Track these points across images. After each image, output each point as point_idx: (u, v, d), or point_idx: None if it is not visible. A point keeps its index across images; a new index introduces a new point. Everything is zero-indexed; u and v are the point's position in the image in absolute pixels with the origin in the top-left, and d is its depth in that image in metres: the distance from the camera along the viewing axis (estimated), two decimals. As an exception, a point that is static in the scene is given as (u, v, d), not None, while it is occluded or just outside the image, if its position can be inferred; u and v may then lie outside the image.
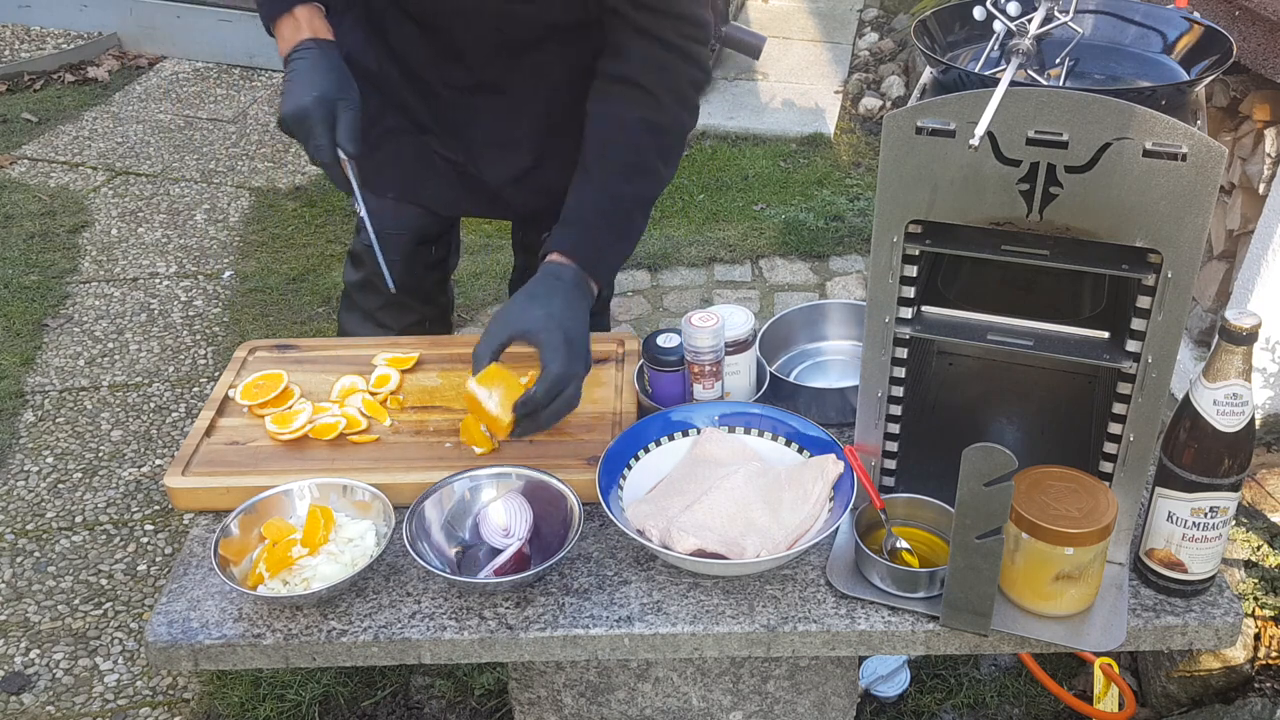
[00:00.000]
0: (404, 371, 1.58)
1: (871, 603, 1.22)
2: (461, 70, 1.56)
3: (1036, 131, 1.01)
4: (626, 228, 1.49)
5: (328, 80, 1.43)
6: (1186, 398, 1.13)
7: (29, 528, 2.51)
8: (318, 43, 1.47)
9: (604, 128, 1.46)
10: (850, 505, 1.24)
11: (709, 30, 1.44)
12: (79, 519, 2.53)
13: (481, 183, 1.68)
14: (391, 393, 1.53)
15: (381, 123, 1.63)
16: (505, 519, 1.29)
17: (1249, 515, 2.03)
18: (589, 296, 1.43)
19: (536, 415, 1.32)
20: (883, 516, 1.26)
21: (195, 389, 2.98)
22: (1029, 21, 1.09)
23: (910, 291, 1.16)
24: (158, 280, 3.47)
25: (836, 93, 4.66)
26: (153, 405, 2.92)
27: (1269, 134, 2.34)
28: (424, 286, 1.87)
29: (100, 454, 2.74)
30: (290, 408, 1.49)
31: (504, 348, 1.36)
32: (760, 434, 1.39)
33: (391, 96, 1.61)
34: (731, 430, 1.39)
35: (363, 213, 1.50)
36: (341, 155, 1.43)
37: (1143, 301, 1.07)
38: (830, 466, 1.29)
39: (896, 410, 1.25)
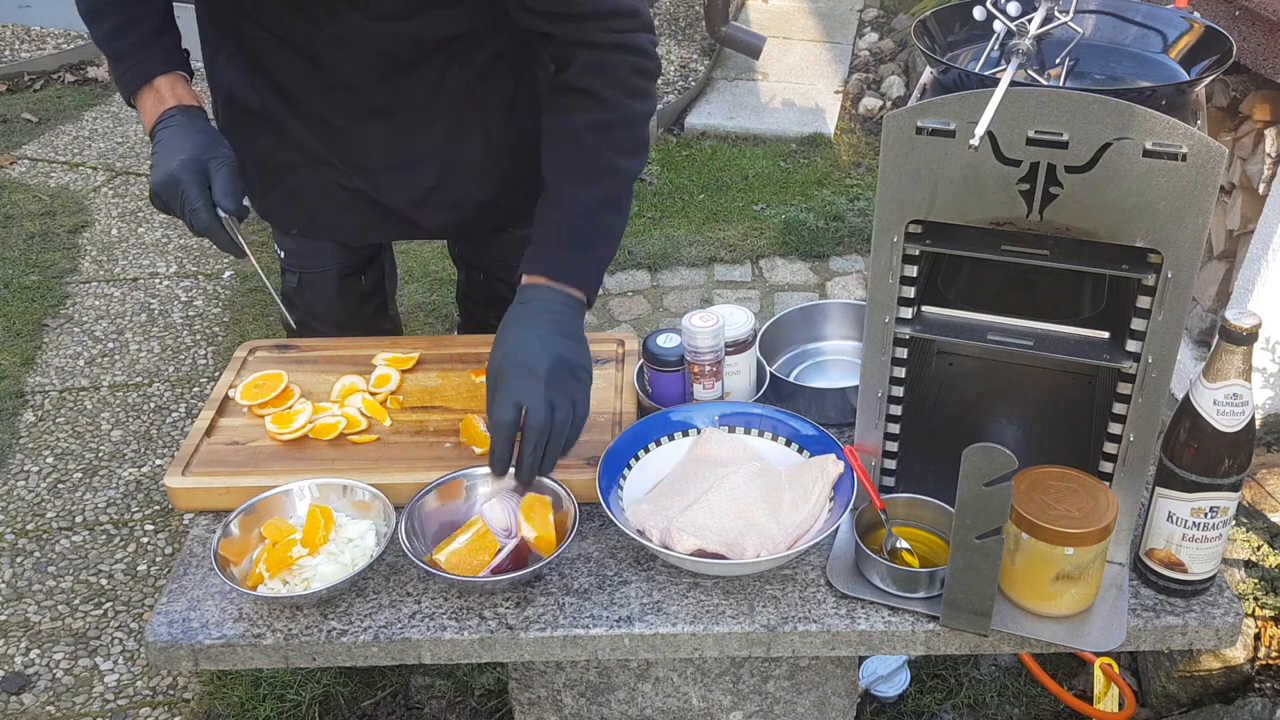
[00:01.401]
0: (404, 371, 1.58)
1: (871, 603, 1.22)
2: (350, 97, 1.49)
3: (1036, 131, 1.01)
4: (595, 233, 1.42)
5: (194, 143, 1.39)
6: (1186, 398, 1.13)
7: (29, 528, 2.51)
8: (182, 109, 1.43)
9: (556, 140, 1.42)
10: (850, 505, 1.24)
11: (641, 17, 1.37)
12: (79, 519, 2.53)
13: (386, 207, 1.61)
14: (391, 393, 1.53)
15: (274, 159, 1.57)
16: (503, 518, 1.29)
17: (1249, 515, 2.03)
18: (573, 309, 1.37)
19: (536, 465, 1.26)
20: (883, 516, 1.26)
21: (195, 389, 2.98)
22: (1029, 21, 1.09)
23: (910, 291, 1.16)
24: (158, 280, 3.48)
25: (836, 93, 4.67)
26: (153, 405, 2.92)
27: (1269, 134, 2.34)
28: (363, 316, 1.84)
29: (100, 454, 2.74)
30: (290, 408, 1.49)
31: (511, 405, 1.26)
32: (760, 434, 1.39)
33: (281, 131, 1.54)
34: (732, 430, 1.39)
35: (255, 266, 1.47)
36: (223, 215, 1.38)
37: (1143, 301, 1.07)
38: (830, 466, 1.29)
39: (896, 410, 1.25)
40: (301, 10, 1.39)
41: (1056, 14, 1.10)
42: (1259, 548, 1.96)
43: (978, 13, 1.16)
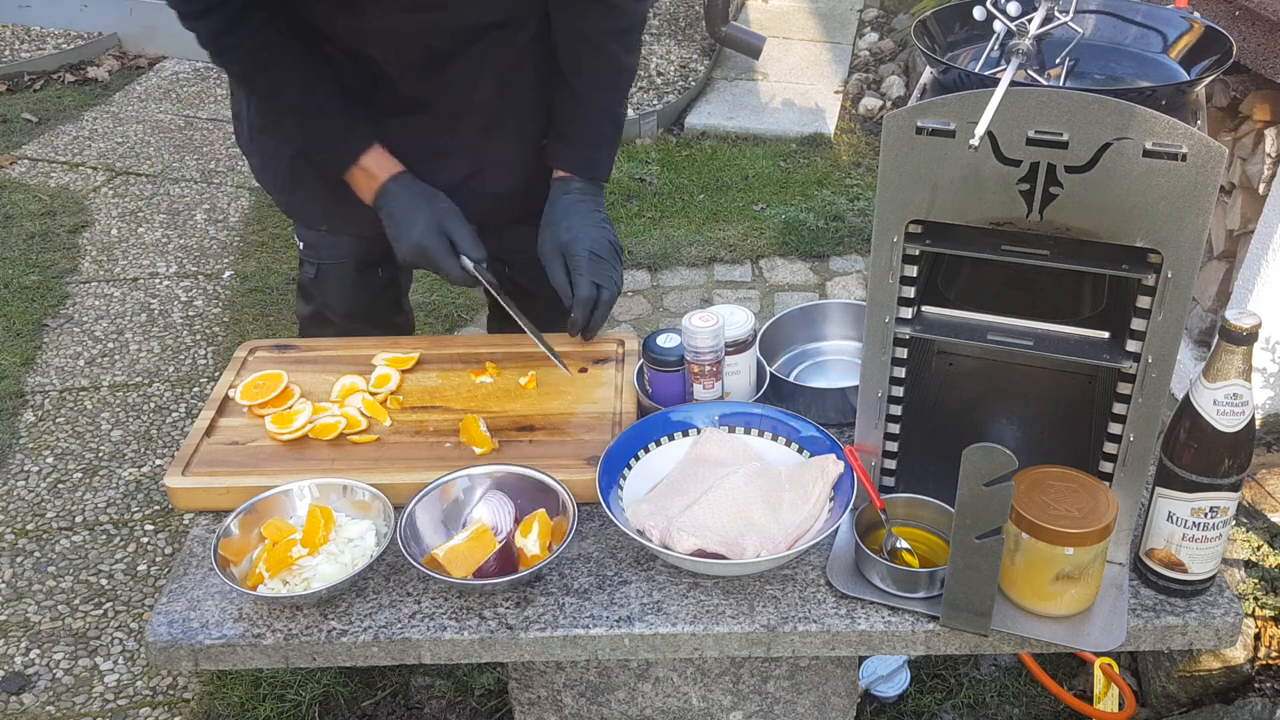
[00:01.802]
0: (404, 371, 1.58)
1: (871, 603, 1.22)
2: (389, 91, 1.56)
3: (1036, 131, 1.01)
4: (612, 129, 1.67)
5: (423, 211, 1.54)
6: (1186, 398, 1.13)
7: (29, 528, 2.51)
8: (395, 179, 1.56)
9: (573, 41, 1.58)
10: (850, 505, 1.24)
11: None
12: (79, 519, 2.53)
13: None
14: (391, 393, 1.53)
15: (309, 156, 1.62)
16: (490, 517, 1.29)
17: (1249, 515, 2.03)
18: (601, 196, 1.66)
19: (590, 325, 1.57)
20: (883, 516, 1.26)
21: (195, 389, 2.98)
22: (1029, 21, 1.09)
23: (910, 291, 1.16)
24: (158, 280, 3.48)
25: (836, 93, 4.67)
26: (153, 405, 2.92)
27: (1269, 134, 2.34)
28: (377, 309, 1.86)
29: (100, 454, 2.74)
30: (290, 408, 1.49)
31: (569, 269, 1.57)
32: (760, 434, 1.39)
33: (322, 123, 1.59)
34: (732, 430, 1.39)
35: (506, 304, 1.57)
36: (469, 264, 1.54)
37: (1143, 301, 1.07)
38: (830, 466, 1.29)
39: (896, 410, 1.25)
40: (340, 4, 1.45)
41: (1056, 14, 1.10)
42: (1259, 548, 1.96)
43: (978, 13, 1.15)
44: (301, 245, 1.80)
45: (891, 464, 1.30)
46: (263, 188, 1.79)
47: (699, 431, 1.39)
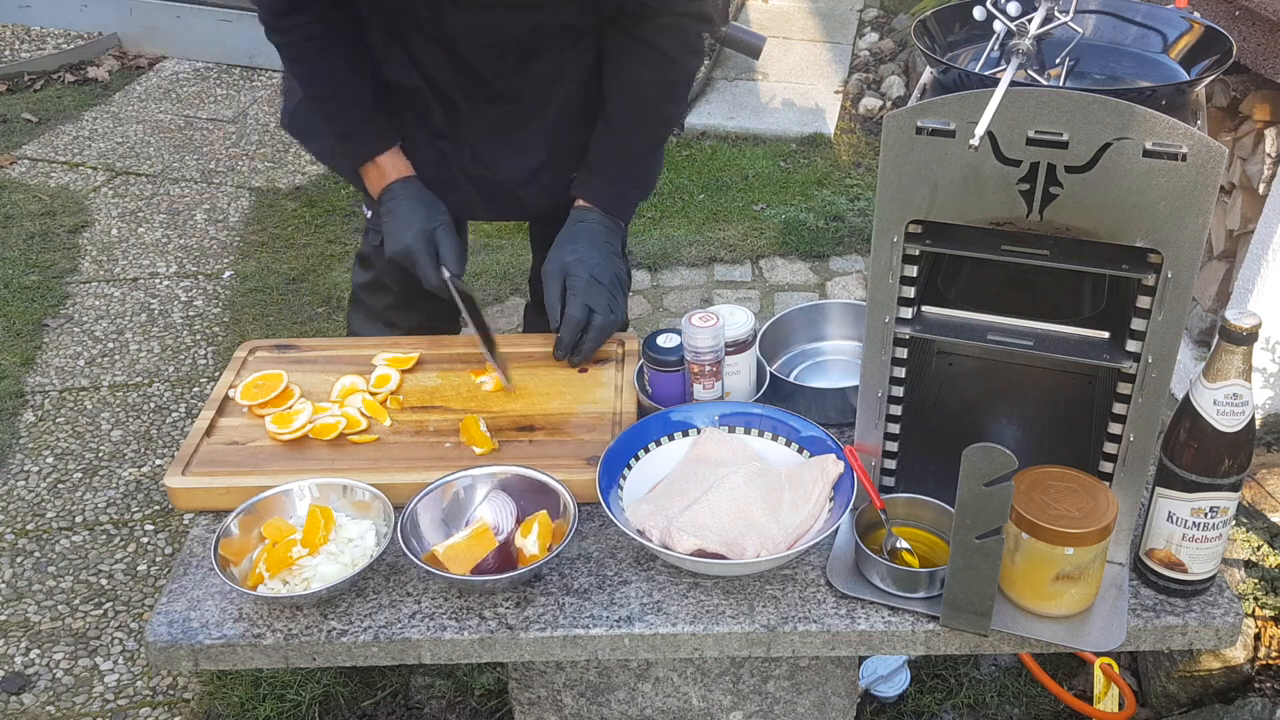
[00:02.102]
0: (404, 371, 1.58)
1: (871, 603, 1.22)
2: (477, 82, 1.63)
3: (1036, 131, 1.01)
4: (644, 174, 1.73)
5: (419, 216, 1.60)
6: (1186, 398, 1.13)
7: (29, 528, 2.51)
8: (401, 182, 1.63)
9: (623, 86, 1.62)
10: (850, 505, 1.24)
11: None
12: (79, 519, 2.53)
13: (495, 185, 1.73)
14: (391, 393, 1.53)
15: (401, 132, 1.68)
16: (492, 517, 1.29)
17: (1249, 515, 2.03)
18: (615, 231, 1.68)
19: (577, 350, 1.56)
20: (883, 516, 1.26)
21: (195, 389, 2.98)
22: (1029, 21, 1.09)
23: (910, 291, 1.16)
24: (158, 280, 3.48)
25: (836, 93, 4.66)
26: (153, 405, 2.92)
27: (1269, 134, 2.34)
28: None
29: (100, 454, 2.74)
30: (290, 408, 1.49)
31: (565, 289, 1.57)
32: (760, 434, 1.39)
33: (414, 104, 1.67)
34: (731, 430, 1.39)
35: (465, 318, 1.61)
36: (446, 273, 1.58)
37: (1143, 301, 1.07)
38: (830, 466, 1.29)
39: (896, 410, 1.25)
40: (434, 1, 1.53)
41: (1056, 14, 1.10)
42: (1259, 548, 1.96)
43: (978, 13, 1.16)
44: (369, 214, 1.85)
45: (891, 464, 1.30)
46: (330, 168, 1.90)
47: (699, 431, 1.39)
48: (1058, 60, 1.14)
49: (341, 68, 1.60)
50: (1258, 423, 2.15)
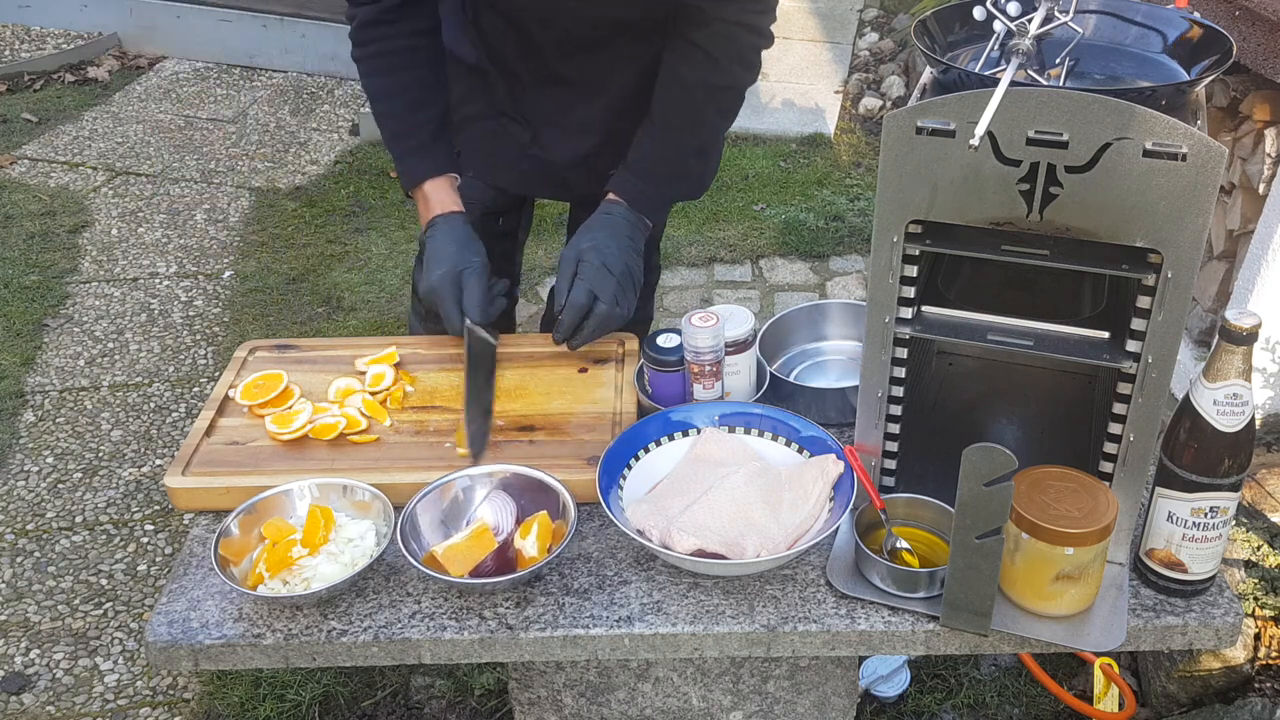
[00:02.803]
0: (396, 366, 1.58)
1: (871, 603, 1.22)
2: (540, 62, 1.68)
3: (1036, 131, 1.01)
4: (678, 175, 1.71)
5: (450, 255, 1.60)
6: (1186, 398, 1.13)
7: (29, 528, 2.51)
8: (444, 218, 1.65)
9: (670, 84, 1.62)
10: (850, 505, 1.24)
11: (772, 5, 1.58)
12: (79, 519, 2.53)
13: (548, 164, 1.79)
14: (389, 389, 1.53)
15: (466, 106, 1.75)
16: (492, 517, 1.29)
17: (1249, 515, 2.03)
18: (640, 229, 1.66)
19: (576, 335, 1.54)
20: (883, 516, 1.26)
21: (195, 389, 2.98)
22: (1029, 21, 1.09)
23: (910, 291, 1.15)
24: (158, 280, 3.48)
25: (836, 93, 4.66)
26: (153, 405, 2.92)
27: (1269, 134, 2.34)
28: (491, 256, 1.87)
29: (100, 454, 2.74)
30: (290, 408, 1.49)
31: (576, 275, 1.56)
32: (760, 434, 1.39)
33: (479, 81, 1.74)
34: (731, 430, 1.39)
35: (466, 363, 1.57)
36: (467, 320, 1.57)
37: (1143, 301, 1.07)
38: (830, 466, 1.29)
39: (896, 410, 1.25)
40: None
41: (1056, 14, 1.10)
42: (1259, 548, 1.96)
43: (978, 13, 1.16)
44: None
45: (891, 464, 1.30)
46: None
47: (699, 431, 1.39)
48: (1058, 60, 1.14)
49: (413, 92, 1.64)
50: (1258, 423, 2.15)
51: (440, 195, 1.66)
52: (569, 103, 1.72)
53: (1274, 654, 1.87)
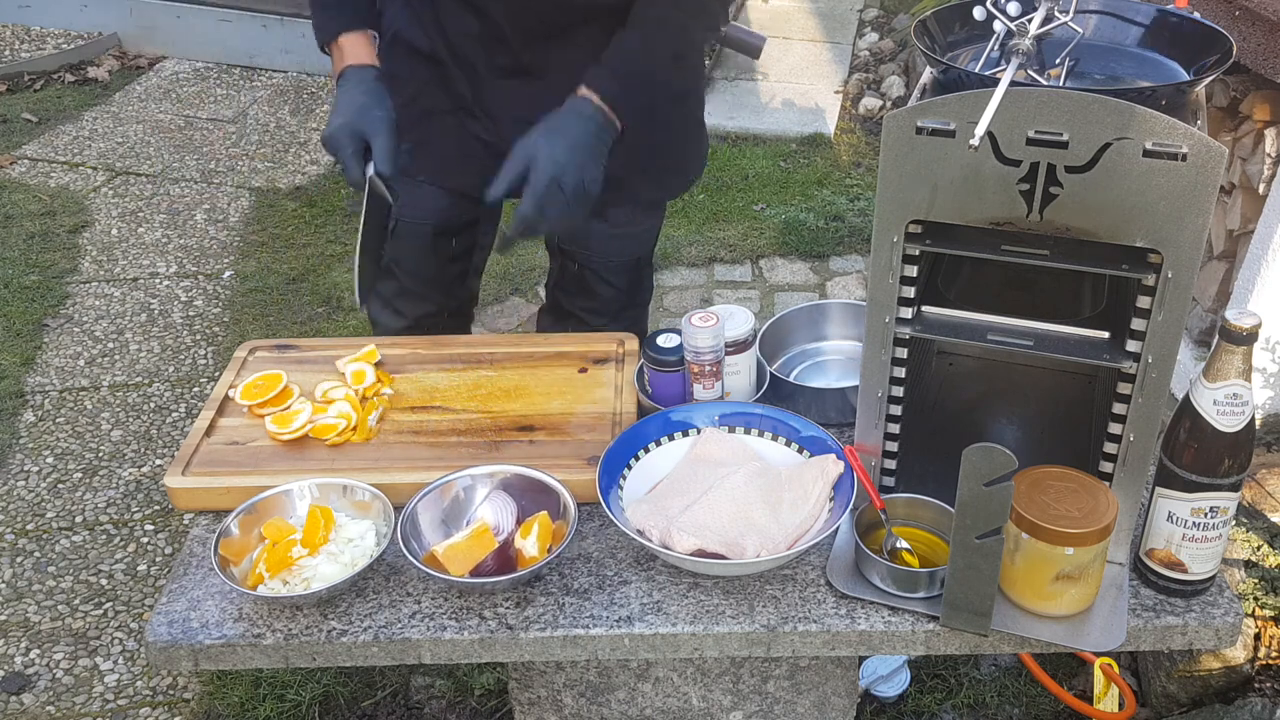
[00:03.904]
0: (378, 365, 1.57)
1: (871, 603, 1.22)
2: (504, 52, 1.62)
3: (1036, 131, 1.01)
4: (653, 76, 1.61)
5: (355, 105, 1.55)
6: (1186, 398, 1.13)
7: (29, 528, 2.51)
8: (354, 69, 1.59)
9: (641, 15, 1.56)
10: (850, 505, 1.24)
11: None
12: (79, 519, 2.53)
13: None
14: (374, 387, 1.52)
15: (420, 102, 1.68)
16: (492, 517, 1.29)
17: (1249, 515, 2.03)
18: (608, 130, 1.55)
19: (533, 226, 1.50)
20: (883, 516, 1.26)
21: (195, 389, 2.98)
22: (1029, 21, 1.09)
23: (910, 291, 1.15)
24: (158, 280, 3.48)
25: (836, 93, 4.66)
26: (153, 405, 2.92)
27: (1269, 134, 2.34)
28: (443, 279, 1.88)
29: (100, 454, 2.74)
30: (290, 408, 1.49)
31: (521, 175, 1.49)
32: (760, 434, 1.39)
33: (436, 74, 1.67)
34: (731, 430, 1.39)
35: (360, 214, 1.55)
36: (371, 174, 1.53)
37: (1143, 301, 1.07)
38: (830, 466, 1.29)
39: (896, 410, 1.25)
40: None
41: (1056, 14, 1.10)
42: (1259, 548, 1.96)
43: (978, 13, 1.15)
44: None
45: (891, 464, 1.30)
46: None
47: (699, 431, 1.39)
48: (1058, 60, 1.14)
49: None
50: (1258, 423, 2.15)
51: (355, 49, 1.61)
52: (534, 95, 1.62)
53: (1274, 654, 1.86)
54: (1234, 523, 1.61)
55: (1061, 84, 1.10)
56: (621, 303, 1.91)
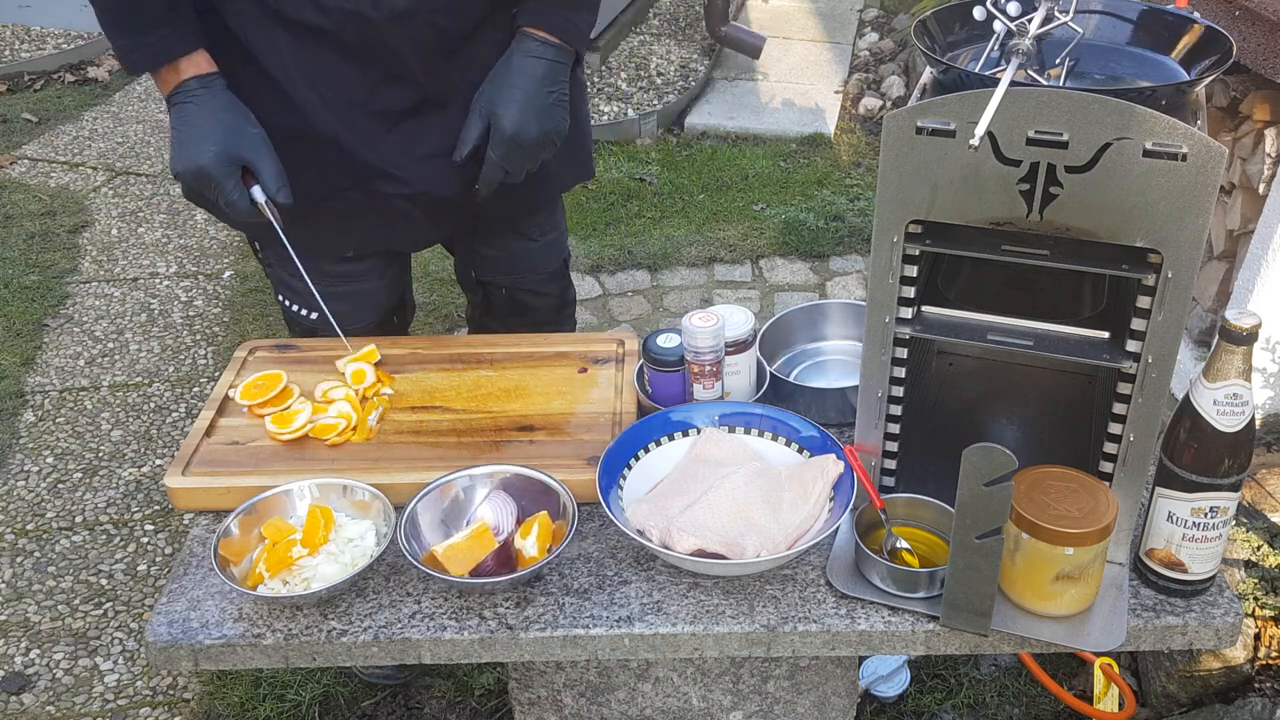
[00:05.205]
0: (378, 365, 1.57)
1: (871, 603, 1.22)
2: (403, 88, 1.51)
3: (1036, 131, 1.01)
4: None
5: (222, 128, 1.36)
6: (1186, 398, 1.13)
7: (29, 528, 2.51)
8: (200, 80, 1.38)
9: None
10: (850, 505, 1.24)
11: None
12: (79, 519, 2.53)
13: (443, 201, 1.61)
14: (375, 387, 1.52)
15: (318, 187, 1.53)
16: (492, 517, 1.29)
17: (1249, 515, 2.03)
18: (563, 60, 1.52)
19: (501, 174, 1.51)
20: (883, 516, 1.26)
21: (195, 389, 2.98)
22: (1029, 21, 1.09)
23: (910, 291, 1.16)
24: (158, 280, 3.48)
25: (836, 93, 4.66)
26: (153, 405, 2.92)
27: (1269, 134, 2.34)
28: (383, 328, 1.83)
29: (100, 454, 2.74)
30: (290, 408, 1.49)
31: (484, 132, 1.49)
32: (760, 434, 1.39)
33: (330, 147, 1.52)
34: (731, 430, 1.39)
35: (280, 232, 1.44)
36: (261, 196, 1.39)
37: (1143, 301, 1.07)
38: (830, 466, 1.29)
39: (896, 410, 1.25)
40: None
41: (1056, 14, 1.10)
42: (1259, 548, 1.96)
43: (978, 13, 1.16)
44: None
45: (891, 464, 1.30)
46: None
47: (699, 431, 1.39)
48: (1058, 60, 1.14)
49: None
50: (1258, 423, 2.15)
51: (195, 58, 1.38)
52: (445, 125, 1.53)
53: (1274, 654, 1.86)
54: (1234, 523, 1.61)
55: (1061, 84, 1.10)
56: (555, 307, 1.91)
